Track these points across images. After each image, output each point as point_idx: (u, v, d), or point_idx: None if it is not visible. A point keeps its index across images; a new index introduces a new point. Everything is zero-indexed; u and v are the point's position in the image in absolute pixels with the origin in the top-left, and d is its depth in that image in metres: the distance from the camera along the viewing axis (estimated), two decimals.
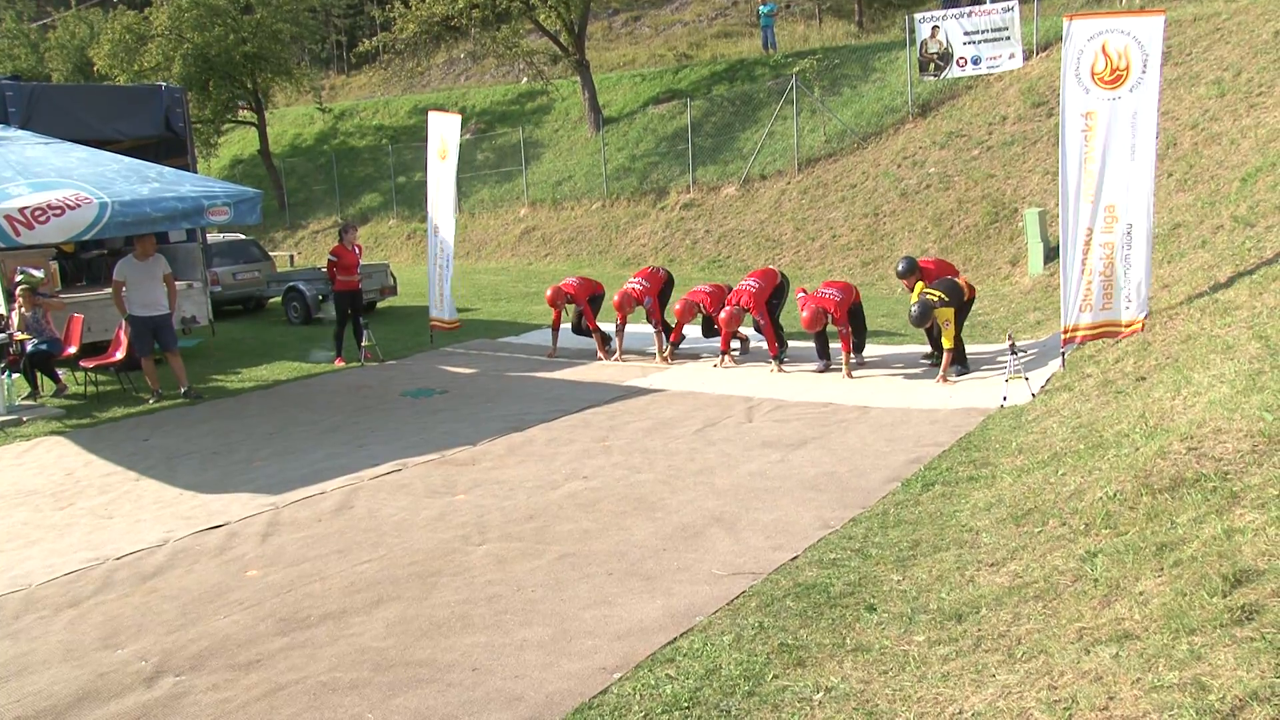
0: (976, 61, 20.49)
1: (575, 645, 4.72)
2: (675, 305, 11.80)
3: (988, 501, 6.05)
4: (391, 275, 18.53)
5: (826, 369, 10.80)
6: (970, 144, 19.20)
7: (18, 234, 8.49)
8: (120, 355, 11.72)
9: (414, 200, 28.16)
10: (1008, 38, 20.18)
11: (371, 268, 17.20)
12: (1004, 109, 19.48)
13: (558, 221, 25.87)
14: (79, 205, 8.83)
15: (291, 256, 25.55)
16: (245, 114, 34.51)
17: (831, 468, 7.28)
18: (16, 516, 7.38)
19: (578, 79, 28.64)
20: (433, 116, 14.24)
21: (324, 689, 4.46)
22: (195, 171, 13.35)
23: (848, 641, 4.49)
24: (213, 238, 18.55)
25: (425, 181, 14.74)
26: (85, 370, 12.24)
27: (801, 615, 4.81)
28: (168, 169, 10.53)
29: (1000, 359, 9.99)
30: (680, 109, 25.94)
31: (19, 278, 11.75)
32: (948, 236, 17.43)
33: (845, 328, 10.37)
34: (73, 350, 11.89)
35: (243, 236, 20.73)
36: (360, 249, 13.69)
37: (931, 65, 21.00)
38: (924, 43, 21.03)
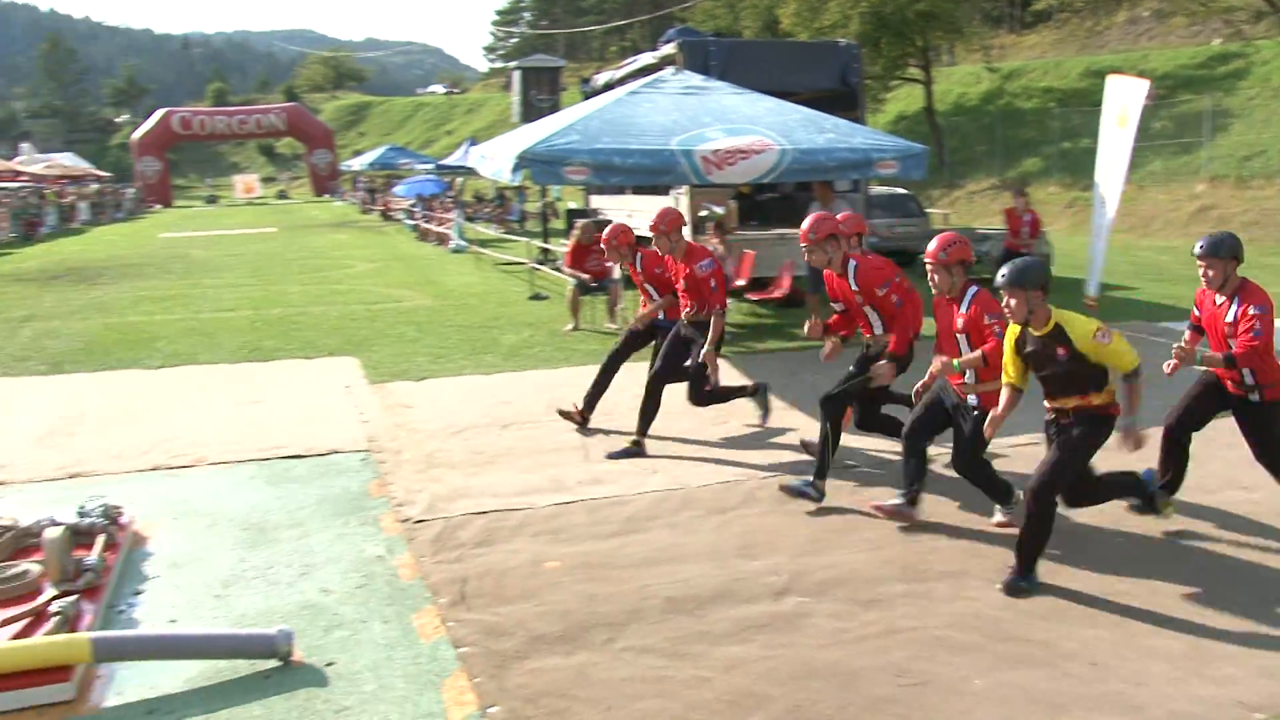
0: None
1: (1211, 669, 4.20)
2: None
3: None
4: (1047, 244, 17.71)
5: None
6: None
7: (709, 173, 9.54)
8: (780, 293, 12.61)
9: (1078, 167, 26.66)
10: None
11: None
12: None
13: (1240, 202, 22.96)
14: (762, 150, 9.63)
15: (946, 215, 25.50)
16: (913, 71, 35.07)
17: None
18: (683, 424, 8.12)
19: None
20: (1113, 81, 13.25)
21: (936, 643, 4.45)
22: (865, 125, 13.81)
23: None
24: (873, 190, 19.13)
25: (1094, 149, 13.84)
26: (750, 302, 13.35)
27: None
28: (841, 121, 11.03)
29: None
30: None
31: (703, 212, 13.09)
32: None
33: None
34: (741, 283, 12.98)
35: (901, 191, 21.04)
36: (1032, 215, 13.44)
37: None
38: None
